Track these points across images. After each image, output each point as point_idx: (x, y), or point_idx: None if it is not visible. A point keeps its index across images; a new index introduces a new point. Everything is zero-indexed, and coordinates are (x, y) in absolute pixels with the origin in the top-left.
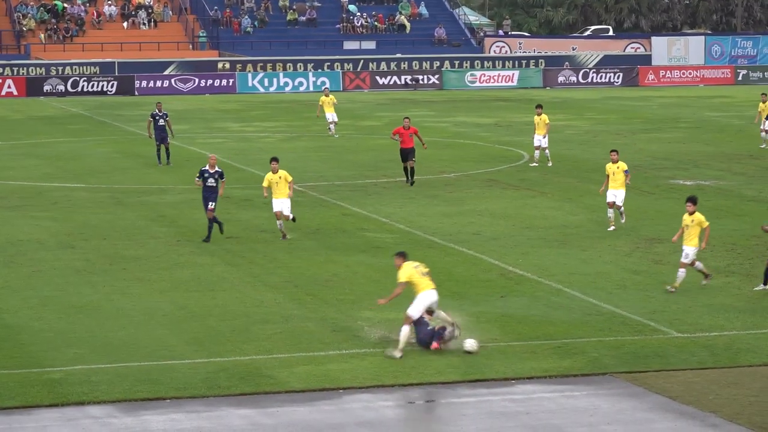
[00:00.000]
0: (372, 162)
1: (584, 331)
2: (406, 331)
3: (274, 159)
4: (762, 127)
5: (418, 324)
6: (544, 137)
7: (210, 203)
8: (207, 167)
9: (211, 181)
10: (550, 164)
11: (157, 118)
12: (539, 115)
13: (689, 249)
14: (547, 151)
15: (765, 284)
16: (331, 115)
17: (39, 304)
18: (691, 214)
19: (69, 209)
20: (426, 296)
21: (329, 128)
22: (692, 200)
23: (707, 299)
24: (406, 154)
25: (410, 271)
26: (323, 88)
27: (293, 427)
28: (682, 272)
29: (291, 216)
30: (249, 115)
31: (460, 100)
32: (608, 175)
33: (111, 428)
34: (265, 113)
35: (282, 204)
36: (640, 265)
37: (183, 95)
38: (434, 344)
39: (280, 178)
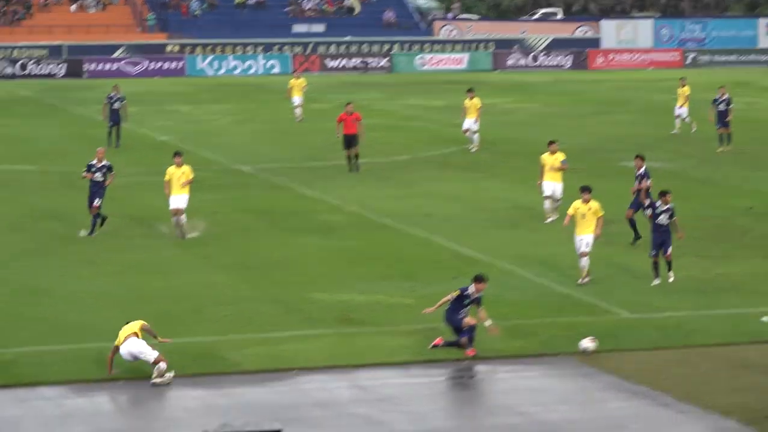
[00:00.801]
0: (323, 144)
1: (536, 311)
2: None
3: (178, 153)
4: (677, 112)
5: (455, 301)
6: (476, 122)
7: (96, 199)
8: (95, 161)
9: (98, 176)
10: (475, 149)
11: (112, 100)
12: (471, 99)
13: (588, 237)
14: (476, 135)
15: (657, 278)
16: (298, 98)
17: None
18: (586, 202)
19: (20, 191)
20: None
21: (295, 113)
22: (586, 189)
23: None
24: (349, 140)
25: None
26: (293, 71)
27: (247, 407)
28: (585, 261)
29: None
30: (199, 97)
31: (410, 83)
32: (543, 166)
33: (63, 409)
34: (215, 96)
35: (179, 200)
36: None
37: (132, 78)
38: (469, 351)
39: (182, 173)
